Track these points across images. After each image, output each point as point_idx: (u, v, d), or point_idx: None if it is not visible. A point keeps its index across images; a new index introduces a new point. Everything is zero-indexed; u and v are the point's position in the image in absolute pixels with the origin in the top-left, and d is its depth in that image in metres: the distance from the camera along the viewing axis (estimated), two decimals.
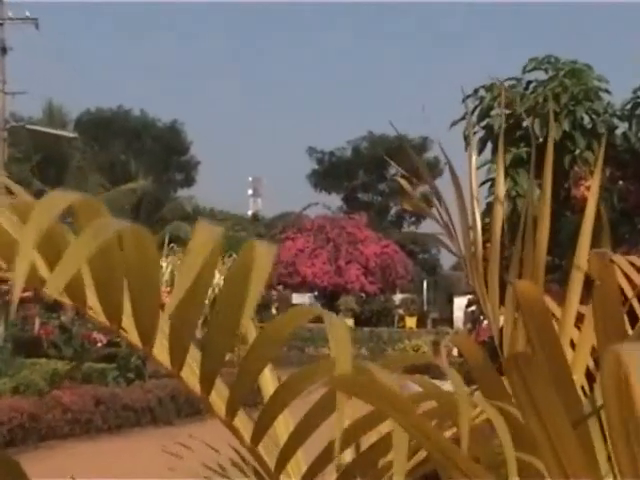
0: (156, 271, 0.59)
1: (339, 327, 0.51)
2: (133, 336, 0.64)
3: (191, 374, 0.66)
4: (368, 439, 0.65)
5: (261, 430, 0.64)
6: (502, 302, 1.06)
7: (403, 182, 1.39)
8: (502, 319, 1.02)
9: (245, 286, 0.53)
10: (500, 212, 1.20)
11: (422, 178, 1.31)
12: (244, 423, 0.69)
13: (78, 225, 0.49)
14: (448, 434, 0.62)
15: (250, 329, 0.84)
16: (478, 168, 1.39)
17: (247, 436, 0.67)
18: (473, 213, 1.22)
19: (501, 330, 0.99)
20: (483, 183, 3.80)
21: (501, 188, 1.32)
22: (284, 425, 0.79)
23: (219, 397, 0.67)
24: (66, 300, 0.65)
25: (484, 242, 1.13)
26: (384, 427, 0.59)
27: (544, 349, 0.53)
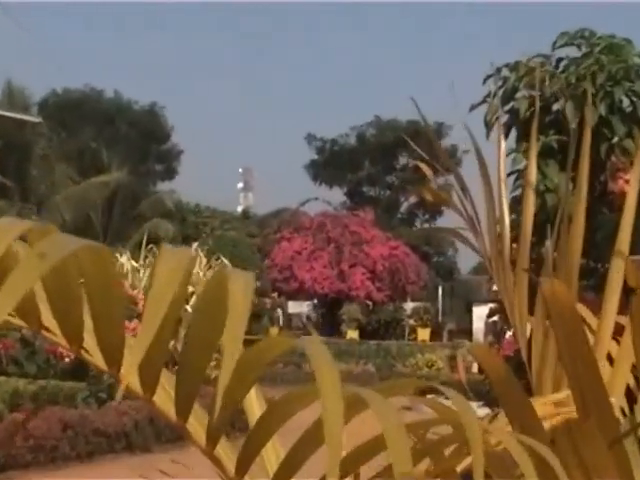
0: (118, 289, 0.59)
1: (323, 363, 0.51)
2: (97, 358, 0.64)
3: (166, 398, 0.66)
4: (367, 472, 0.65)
5: (246, 460, 0.63)
6: (531, 311, 1.05)
7: (423, 166, 1.39)
8: (530, 329, 1.02)
9: (220, 304, 0.53)
10: (531, 205, 1.20)
11: (439, 168, 1.31)
12: (227, 452, 0.68)
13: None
14: (469, 461, 0.62)
15: (235, 350, 0.83)
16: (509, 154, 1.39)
17: (231, 466, 0.66)
18: (501, 205, 1.22)
19: (529, 342, 0.98)
20: (508, 175, 3.80)
21: (533, 176, 1.30)
22: (273, 453, 0.79)
23: (198, 423, 0.66)
24: (19, 322, 0.65)
25: (510, 241, 1.13)
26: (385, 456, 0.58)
27: (574, 361, 0.53)
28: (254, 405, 0.87)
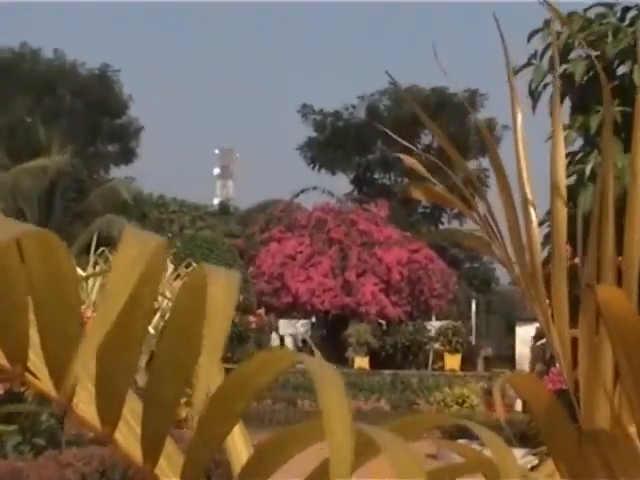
0: (73, 290, 0.59)
1: (331, 383, 0.53)
2: (44, 382, 0.63)
3: (130, 436, 0.65)
4: None
5: None
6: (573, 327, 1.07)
7: (407, 158, 1.43)
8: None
9: (197, 321, 0.53)
10: (562, 206, 1.22)
11: (472, 149, 1.34)
12: None
13: None
14: None
15: (213, 374, 0.84)
16: (548, 138, 1.40)
17: None
18: (525, 203, 1.24)
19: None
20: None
21: (560, 165, 1.32)
22: None
23: (170, 468, 0.66)
24: None
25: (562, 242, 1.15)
26: None
27: (637, 381, 0.54)
28: (239, 447, 0.84)
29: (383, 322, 26.07)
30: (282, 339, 25.27)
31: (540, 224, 1.28)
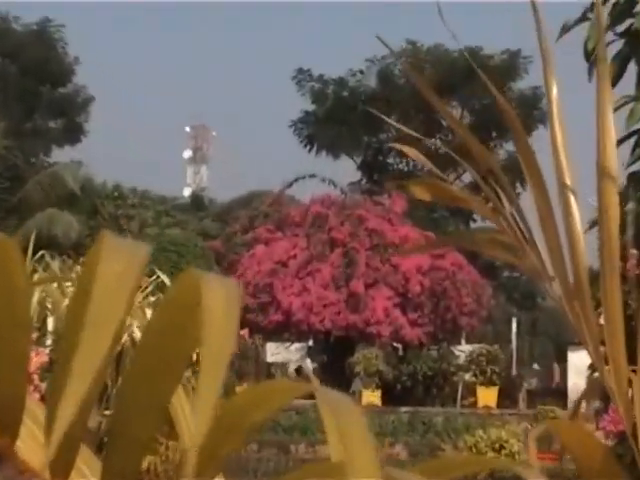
0: (25, 307, 0.61)
1: (354, 421, 0.53)
2: None
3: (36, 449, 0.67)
4: None
5: None
6: (632, 361, 1.07)
7: (408, 150, 1.44)
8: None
9: (185, 343, 0.54)
10: (613, 196, 1.23)
11: (515, 129, 1.34)
12: None
13: None
14: None
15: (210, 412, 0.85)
16: (619, 107, 1.41)
17: None
18: (566, 200, 1.25)
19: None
20: (621, 142, 3.76)
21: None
22: None
23: None
24: None
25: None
26: None
27: None
28: None
29: (399, 346, 26.02)
30: (270, 368, 25.27)
31: (591, 226, 1.30)
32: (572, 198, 1.26)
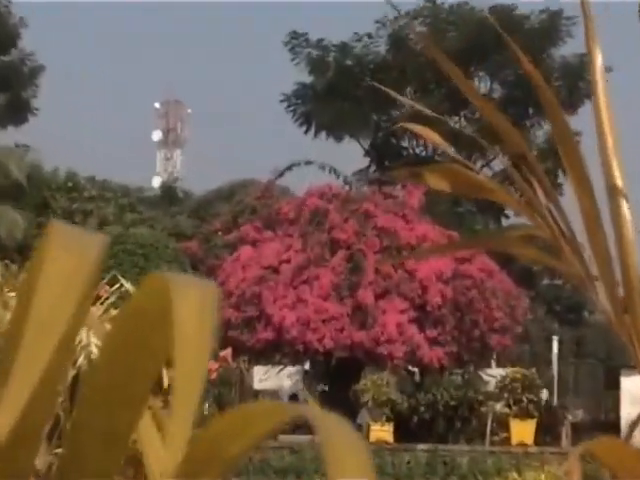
0: None
1: (352, 447, 0.54)
2: None
3: None
4: None
5: None
6: None
7: (424, 130, 1.44)
8: None
9: (144, 361, 0.54)
10: None
11: (550, 107, 1.35)
12: None
13: None
14: None
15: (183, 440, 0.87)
16: None
17: None
18: (614, 196, 1.25)
19: None
20: None
21: None
22: None
23: None
24: None
25: None
26: None
27: None
28: None
29: (415, 370, 25.96)
30: (257, 396, 25.25)
31: None
32: (622, 193, 1.26)
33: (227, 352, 21.78)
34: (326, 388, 25.95)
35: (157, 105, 66.71)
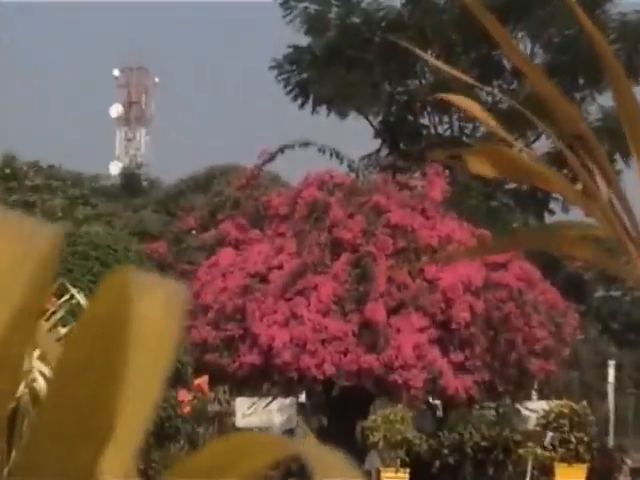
0: None
1: None
2: None
3: None
4: None
5: None
6: None
7: (455, 97, 1.44)
8: None
9: (108, 380, 0.54)
10: None
11: (613, 73, 1.35)
12: None
13: None
14: None
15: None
16: None
17: None
18: None
19: None
20: None
21: None
22: None
23: None
24: None
25: None
26: None
27: None
28: None
29: (437, 403, 25.89)
30: None
31: None
32: None
33: (203, 380, 21.81)
34: (325, 424, 25.95)
35: (116, 73, 66.59)
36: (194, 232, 29.04)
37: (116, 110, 66.01)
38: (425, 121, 40.57)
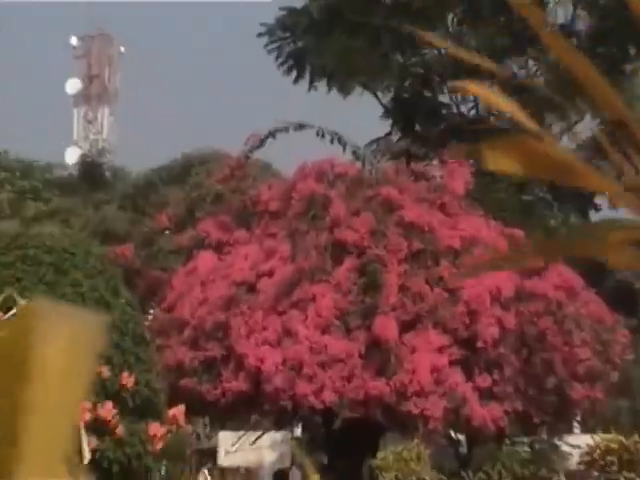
0: None
1: None
2: None
3: None
4: None
5: None
6: None
7: (469, 84, 1.47)
8: None
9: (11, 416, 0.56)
10: None
11: None
12: None
13: None
14: None
15: None
16: None
17: None
18: None
19: None
20: None
21: None
22: None
23: None
24: None
25: None
26: None
27: None
28: None
29: (460, 437, 25.88)
30: (224, 477, 25.30)
31: None
32: None
33: (178, 410, 21.77)
34: (326, 462, 25.98)
35: (74, 41, 66.34)
36: (168, 232, 29.09)
37: (73, 86, 65.80)
38: (445, 98, 40.59)
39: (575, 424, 26.69)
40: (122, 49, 67.46)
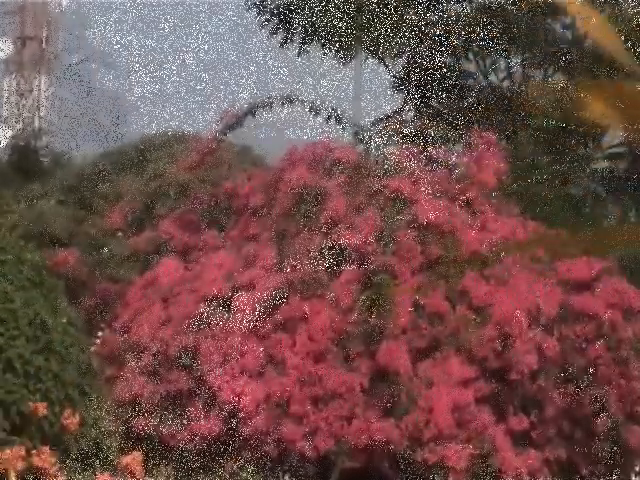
0: None
1: None
2: None
3: None
4: None
5: None
6: None
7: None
8: None
9: None
10: None
11: None
12: None
13: None
14: None
15: None
16: None
17: None
18: None
19: None
20: None
21: None
22: None
23: None
24: None
25: None
26: None
27: None
28: None
29: None
30: None
31: None
32: None
33: (134, 458, 21.79)
34: None
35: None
36: (121, 234, 29.11)
37: (3, 49, 65.96)
38: (471, 66, 40.61)
39: (633, 476, 26.74)
40: (65, 2, 67.28)
